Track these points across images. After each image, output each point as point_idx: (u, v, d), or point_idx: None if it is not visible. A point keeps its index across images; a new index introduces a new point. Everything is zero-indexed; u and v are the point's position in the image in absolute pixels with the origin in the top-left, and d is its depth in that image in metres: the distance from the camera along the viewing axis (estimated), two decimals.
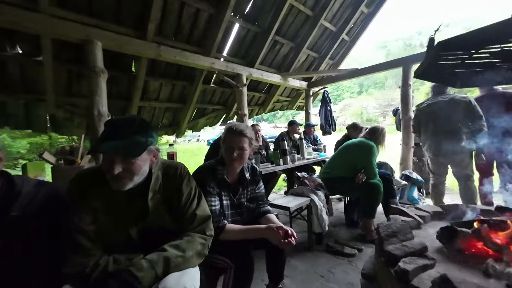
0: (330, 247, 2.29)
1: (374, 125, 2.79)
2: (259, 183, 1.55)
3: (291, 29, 4.34)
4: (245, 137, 1.32)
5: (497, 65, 1.00)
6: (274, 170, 2.87)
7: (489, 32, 0.82)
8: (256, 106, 5.75)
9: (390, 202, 2.69)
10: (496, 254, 0.95)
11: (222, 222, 1.24)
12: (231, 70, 3.82)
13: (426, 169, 4.10)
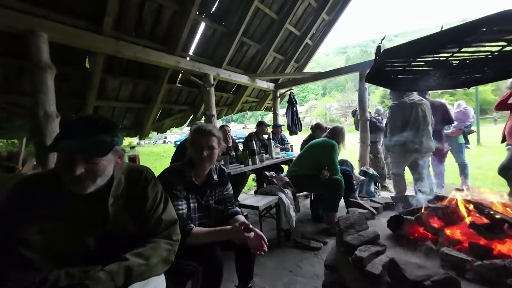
0: (297, 242, 2.39)
1: (335, 125, 2.99)
2: (227, 185, 1.54)
3: (258, 31, 4.42)
4: (214, 136, 1.32)
5: (430, 73, 1.17)
6: (243, 170, 2.89)
7: (423, 43, 0.95)
8: (224, 107, 5.71)
9: (350, 196, 2.92)
10: (433, 237, 1.11)
11: (189, 226, 1.21)
12: (198, 69, 3.74)
13: (381, 165, 4.55)
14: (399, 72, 1.18)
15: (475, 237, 1.02)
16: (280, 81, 5.81)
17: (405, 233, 1.18)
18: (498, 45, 0.92)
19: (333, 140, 2.77)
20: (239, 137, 14.14)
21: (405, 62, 1.12)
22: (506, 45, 0.91)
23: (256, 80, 5.04)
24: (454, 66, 1.11)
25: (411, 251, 1.08)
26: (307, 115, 40.20)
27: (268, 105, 6.66)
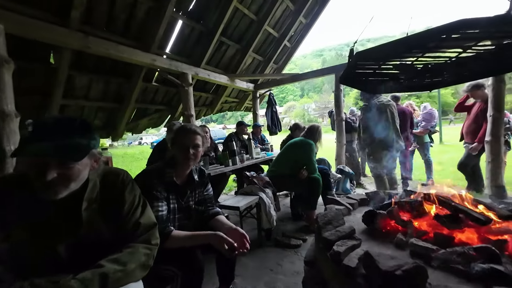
0: (278, 241, 2.42)
1: (311, 125, 3.05)
2: (208, 185, 1.53)
3: (237, 31, 4.41)
4: (198, 135, 1.33)
5: (398, 76, 1.26)
6: (223, 171, 2.86)
7: (391, 48, 1.01)
8: (203, 107, 5.61)
9: (328, 194, 3.02)
10: (403, 229, 1.18)
11: (169, 228, 1.17)
12: (175, 68, 3.63)
13: (356, 163, 4.77)
14: (370, 74, 1.25)
15: (439, 227, 1.11)
16: (260, 82, 5.85)
17: (378, 226, 1.25)
18: (456, 52, 1.01)
19: (310, 139, 2.84)
20: (219, 138, 13.98)
21: (376, 65, 1.18)
22: (462, 52, 1.00)
23: (236, 80, 5.02)
24: (418, 70, 1.21)
25: (384, 243, 1.14)
26: (286, 115, 40.97)
27: (248, 106, 6.67)
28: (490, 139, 3.19)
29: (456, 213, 1.10)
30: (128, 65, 3.34)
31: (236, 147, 3.22)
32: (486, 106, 3.22)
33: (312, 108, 42.43)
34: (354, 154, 4.77)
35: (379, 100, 3.13)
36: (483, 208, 1.15)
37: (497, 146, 3.17)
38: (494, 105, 3.13)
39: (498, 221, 1.04)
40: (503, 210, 1.08)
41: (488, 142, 3.20)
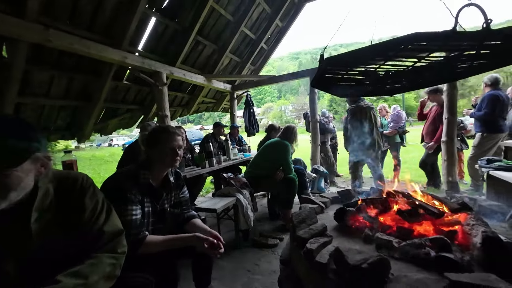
0: (255, 241, 2.44)
1: (287, 125, 3.12)
2: (183, 188, 1.50)
3: (214, 31, 4.36)
4: (180, 136, 1.31)
5: (363, 81, 1.35)
6: (199, 173, 2.81)
7: (357, 55, 1.08)
8: (179, 107, 5.45)
9: (303, 193, 3.12)
10: (370, 224, 1.27)
11: (143, 233, 1.12)
12: (148, 67, 3.49)
13: (330, 163, 4.98)
14: (338, 79, 1.33)
15: (401, 221, 1.21)
16: (237, 83, 5.85)
17: (349, 223, 1.32)
18: (412, 61, 1.11)
19: (285, 140, 2.90)
20: (196, 139, 13.67)
21: (343, 70, 1.26)
22: (417, 61, 1.11)
23: (213, 81, 4.96)
24: (381, 76, 1.30)
25: (353, 238, 1.21)
26: (264, 116, 41.38)
27: (225, 106, 6.62)
28: (445, 140, 3.53)
29: (415, 208, 1.20)
30: (96, 61, 3.13)
31: (213, 148, 3.18)
32: (442, 110, 3.56)
33: (289, 109, 43.38)
34: (328, 154, 4.97)
35: (365, 103, 3.39)
36: (438, 202, 1.27)
37: (451, 145, 3.51)
38: (448, 109, 3.47)
39: (449, 214, 1.16)
40: (454, 204, 1.21)
41: (444, 142, 3.54)
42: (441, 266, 0.87)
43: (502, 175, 2.57)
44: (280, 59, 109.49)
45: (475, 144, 3.47)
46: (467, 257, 0.90)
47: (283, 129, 3.09)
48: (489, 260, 0.85)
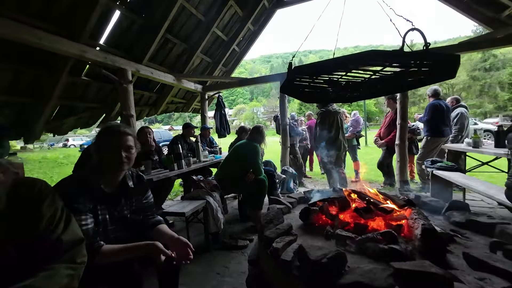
0: (225, 243, 2.44)
1: (254, 126, 3.15)
2: (147, 192, 1.42)
3: (184, 30, 4.26)
4: (129, 135, 1.20)
5: (327, 89, 1.46)
6: (167, 175, 2.71)
7: (322, 66, 1.17)
8: (146, 107, 5.19)
9: (273, 194, 3.21)
10: (332, 222, 1.37)
11: (97, 243, 1.05)
12: (112, 63, 3.26)
13: (299, 164, 5.18)
14: (305, 86, 1.42)
15: (358, 218, 1.33)
16: (208, 84, 5.77)
17: (312, 221, 1.41)
18: (368, 74, 1.24)
19: (253, 141, 2.94)
20: (164, 139, 13.08)
21: (310, 79, 1.34)
22: (372, 74, 1.24)
23: (183, 81, 4.82)
24: (342, 85, 1.42)
25: (316, 235, 1.29)
26: (236, 118, 41.31)
27: (196, 107, 6.48)
28: (399, 143, 3.94)
29: (369, 206, 1.33)
30: (50, 54, 2.84)
31: (182, 150, 3.10)
32: (395, 117, 3.97)
33: (261, 111, 43.95)
34: (297, 156, 5.17)
35: (333, 108, 3.64)
36: (389, 200, 1.43)
37: (403, 148, 3.93)
38: (401, 115, 3.88)
39: (397, 210, 1.31)
40: (401, 201, 1.37)
41: (398, 145, 3.95)
42: (390, 256, 0.99)
43: (442, 174, 2.96)
44: (252, 61, 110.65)
45: (422, 146, 3.93)
46: (410, 247, 1.03)
47: (250, 131, 3.12)
48: (426, 248, 0.99)
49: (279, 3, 5.31)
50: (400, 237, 1.12)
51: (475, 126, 10.77)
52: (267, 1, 5.13)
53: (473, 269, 0.88)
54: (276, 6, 5.34)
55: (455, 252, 1.01)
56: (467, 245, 1.09)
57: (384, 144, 4.13)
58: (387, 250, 0.99)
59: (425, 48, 1.08)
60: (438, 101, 3.76)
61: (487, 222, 1.17)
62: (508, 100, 22.96)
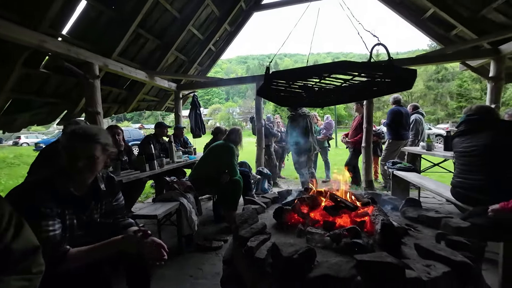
0: (199, 245, 2.41)
1: (231, 128, 3.16)
2: (118, 194, 1.36)
3: (158, 26, 4.10)
4: (96, 143, 1.10)
5: (301, 94, 1.54)
6: (138, 177, 2.59)
7: (297, 72, 1.24)
8: (115, 104, 4.88)
9: (248, 194, 3.25)
10: (303, 220, 1.44)
11: (63, 248, 0.98)
12: (76, 55, 3.02)
13: (273, 165, 5.30)
14: (281, 90, 1.48)
15: (327, 216, 1.42)
16: (183, 82, 5.62)
17: (285, 220, 1.47)
18: (339, 82, 1.35)
19: (230, 142, 2.96)
20: (134, 139, 12.39)
21: (286, 84, 1.41)
22: (343, 83, 1.34)
23: (156, 78, 4.64)
24: (316, 91, 1.52)
25: (289, 233, 1.36)
26: (211, 118, 40.65)
27: (169, 106, 6.27)
28: (364, 145, 4.24)
29: (337, 204, 1.44)
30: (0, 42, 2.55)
31: (154, 150, 2.98)
32: (362, 121, 4.27)
33: (237, 112, 43.82)
34: (272, 157, 5.28)
35: (302, 111, 3.77)
36: (354, 198, 1.55)
37: (368, 150, 4.24)
38: (367, 119, 4.19)
39: (361, 207, 1.43)
40: (364, 199, 1.50)
41: (364, 148, 4.25)
42: (354, 250, 1.08)
43: (401, 174, 3.26)
44: (228, 61, 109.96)
45: (384, 148, 4.29)
46: (371, 240, 1.14)
47: (228, 132, 3.12)
48: (385, 241, 1.10)
49: (256, 6, 5.38)
50: (363, 232, 1.23)
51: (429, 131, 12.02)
52: (244, 3, 5.17)
53: (422, 257, 1.01)
54: (253, 9, 5.40)
55: (408, 244, 1.14)
56: (418, 237, 1.24)
57: (351, 144, 4.42)
58: (351, 244, 1.09)
59: (389, 62, 1.21)
60: (399, 107, 4.14)
61: (434, 216, 1.34)
62: (456, 108, 25.93)
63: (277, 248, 0.99)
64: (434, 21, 4.38)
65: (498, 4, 3.27)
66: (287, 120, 4.05)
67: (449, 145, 3.07)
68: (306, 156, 3.90)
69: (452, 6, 3.82)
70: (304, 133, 3.81)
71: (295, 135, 3.83)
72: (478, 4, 3.53)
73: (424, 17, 4.36)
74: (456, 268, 0.89)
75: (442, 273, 0.86)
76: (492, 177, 1.81)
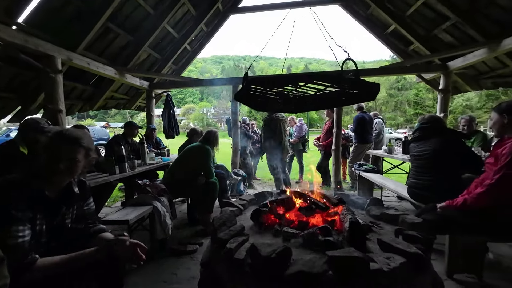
0: (173, 249, 2.35)
1: (208, 130, 3.13)
2: (89, 199, 1.31)
3: (130, 21, 3.91)
4: (80, 147, 1.07)
5: (277, 100, 1.62)
6: (107, 180, 2.45)
7: (274, 80, 1.31)
8: (79, 101, 4.52)
9: (224, 196, 3.25)
10: (279, 221, 1.51)
11: (32, 257, 0.91)
12: (35, 47, 2.75)
13: (249, 167, 5.35)
14: (259, 96, 1.54)
15: (301, 216, 1.51)
16: (156, 81, 5.41)
17: (262, 221, 1.53)
18: (313, 91, 1.45)
19: (206, 144, 2.94)
20: (99, 138, 11.52)
21: (264, 90, 1.47)
22: (317, 92, 1.45)
23: (127, 75, 4.40)
24: (291, 97, 1.61)
25: (266, 234, 1.42)
26: (185, 117, 39.41)
27: (140, 105, 5.98)
28: (334, 148, 4.51)
29: (311, 205, 1.53)
30: None
31: (124, 152, 2.83)
32: (333, 125, 4.54)
33: (211, 112, 43.12)
34: (247, 159, 5.33)
35: (276, 115, 3.89)
36: (325, 199, 1.67)
37: (338, 153, 4.52)
38: (336, 124, 4.46)
39: (332, 207, 1.55)
40: (335, 200, 1.63)
41: (334, 150, 4.52)
42: (326, 246, 1.17)
43: (366, 176, 3.54)
44: (203, 60, 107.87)
45: (351, 151, 4.62)
46: (341, 238, 1.25)
47: (204, 134, 3.09)
48: (352, 238, 1.22)
49: (233, 9, 5.41)
50: (333, 230, 1.34)
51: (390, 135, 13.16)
52: (221, 5, 5.16)
53: (383, 251, 1.14)
54: (230, 11, 5.41)
55: (372, 239, 1.28)
56: (380, 232, 1.39)
57: (322, 147, 4.71)
58: (323, 242, 1.18)
59: (357, 77, 1.34)
60: (362, 114, 4.50)
61: (393, 214, 1.51)
62: (413, 115, 28.71)
63: (256, 249, 1.04)
64: (395, 36, 4.84)
65: (446, 26, 3.74)
66: (262, 123, 4.17)
67: (406, 149, 3.43)
68: (279, 158, 4.06)
69: (411, 24, 4.27)
70: (278, 136, 3.97)
71: (269, 138, 3.98)
72: (431, 24, 4.00)
73: (386, 32, 4.80)
74: (411, 258, 1.02)
75: (399, 264, 0.99)
76: (439, 178, 2.09)
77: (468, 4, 3.33)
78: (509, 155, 1.52)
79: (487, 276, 1.78)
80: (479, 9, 3.29)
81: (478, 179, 1.79)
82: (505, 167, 1.52)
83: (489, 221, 1.59)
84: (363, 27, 5.05)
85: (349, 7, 4.95)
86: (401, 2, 4.09)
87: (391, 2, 4.25)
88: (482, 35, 3.44)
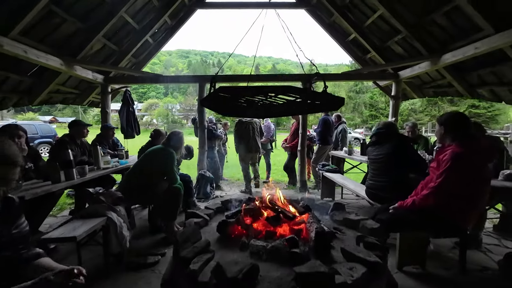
0: (131, 263, 2.16)
1: (172, 132, 2.91)
2: (19, 219, 1.09)
3: (80, 6, 3.44)
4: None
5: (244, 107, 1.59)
6: (50, 190, 2.12)
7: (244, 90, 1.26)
8: (13, 94, 3.86)
9: (189, 201, 3.11)
10: (246, 232, 1.48)
11: None
12: None
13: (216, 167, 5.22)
14: (226, 103, 1.48)
15: (269, 226, 1.50)
16: (113, 75, 4.91)
17: (229, 233, 1.48)
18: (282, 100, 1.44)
19: (170, 147, 2.74)
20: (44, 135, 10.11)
21: (232, 98, 1.41)
22: (285, 102, 1.44)
23: (76, 67, 3.90)
24: (260, 105, 1.58)
25: (233, 247, 1.37)
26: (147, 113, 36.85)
27: (94, 100, 5.38)
28: (300, 149, 4.66)
29: (278, 214, 1.53)
30: None
31: (72, 156, 2.49)
32: (299, 127, 4.68)
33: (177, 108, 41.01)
34: (215, 159, 5.19)
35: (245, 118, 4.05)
36: (292, 206, 1.69)
37: (303, 153, 4.68)
38: (302, 125, 4.61)
39: (298, 215, 1.58)
40: (301, 208, 1.66)
41: (299, 151, 4.67)
42: (293, 259, 1.17)
43: (329, 176, 3.73)
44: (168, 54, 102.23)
45: (315, 152, 4.84)
46: (307, 248, 1.27)
47: (168, 136, 2.86)
48: (318, 248, 1.24)
49: (200, 3, 5.17)
50: (300, 239, 1.35)
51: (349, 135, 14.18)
52: None
53: (346, 260, 1.18)
54: (196, 5, 5.17)
55: (336, 247, 1.32)
56: (343, 238, 1.45)
57: (289, 148, 4.88)
58: (290, 254, 1.18)
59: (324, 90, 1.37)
60: (327, 116, 4.73)
61: (354, 219, 1.59)
62: (369, 116, 31.41)
63: (221, 269, 0.99)
64: (355, 44, 5.19)
65: (398, 38, 4.12)
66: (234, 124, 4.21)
67: (364, 151, 3.70)
68: (250, 157, 4.28)
69: (368, 34, 4.61)
70: (250, 137, 4.19)
71: (241, 139, 4.17)
72: (385, 36, 4.37)
73: (347, 39, 5.10)
74: (371, 267, 1.08)
75: (361, 274, 1.03)
76: (391, 180, 2.30)
77: (415, 19, 3.70)
78: (449, 161, 1.73)
79: (430, 265, 2.01)
80: (424, 26, 3.68)
81: (423, 181, 2.01)
82: (445, 172, 1.72)
83: (432, 219, 1.79)
84: (327, 34, 5.30)
85: (315, 13, 5.14)
86: (360, 13, 4.39)
87: (351, 12, 4.53)
88: (426, 49, 3.87)
